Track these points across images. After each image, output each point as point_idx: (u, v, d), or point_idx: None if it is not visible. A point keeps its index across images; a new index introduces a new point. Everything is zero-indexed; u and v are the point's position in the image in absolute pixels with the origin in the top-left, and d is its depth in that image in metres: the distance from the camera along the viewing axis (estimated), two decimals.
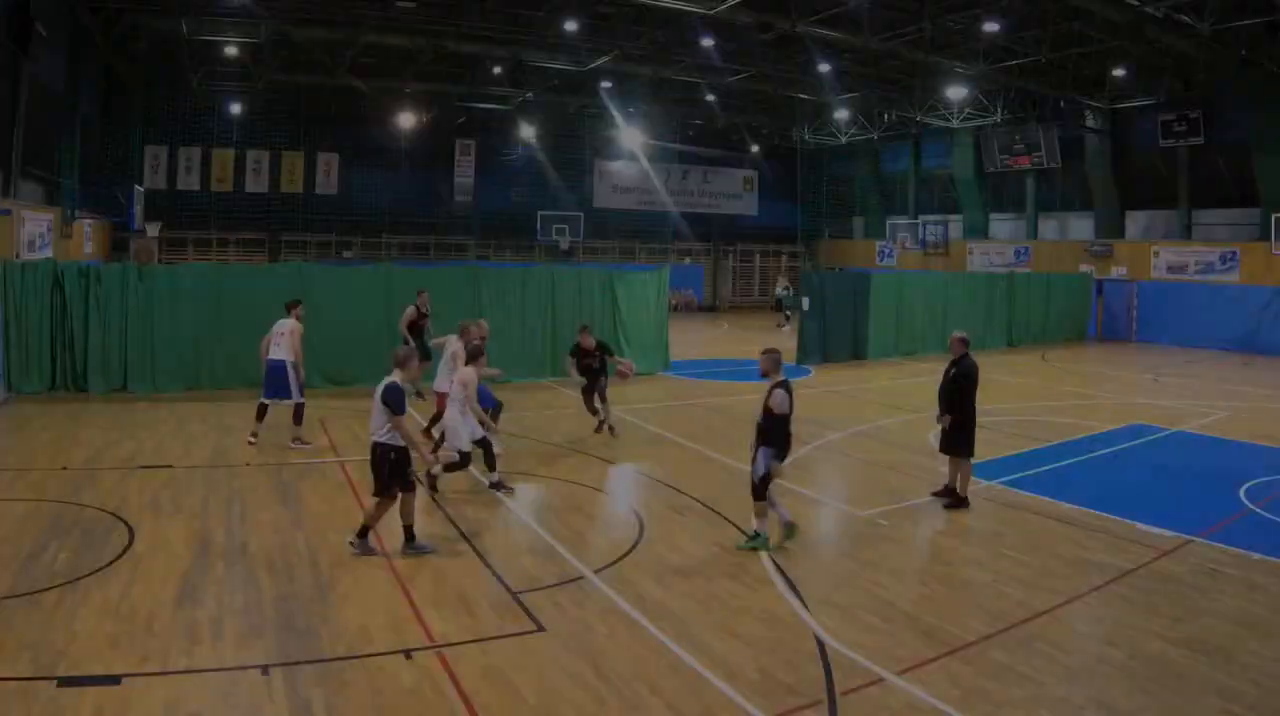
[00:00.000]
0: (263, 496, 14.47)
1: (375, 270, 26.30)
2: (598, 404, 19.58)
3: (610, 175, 59.48)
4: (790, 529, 12.52)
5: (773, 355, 12.68)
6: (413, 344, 19.70)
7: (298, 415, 17.81)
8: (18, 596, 10.18)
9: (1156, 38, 34.07)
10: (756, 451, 12.48)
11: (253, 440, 17.74)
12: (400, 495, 11.94)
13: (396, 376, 12.06)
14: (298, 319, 17.94)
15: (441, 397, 16.26)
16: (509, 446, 17.47)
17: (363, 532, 11.91)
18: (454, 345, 16.64)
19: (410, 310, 22.47)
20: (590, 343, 19.23)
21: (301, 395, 17.87)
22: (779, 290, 52.97)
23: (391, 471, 11.76)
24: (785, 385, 12.33)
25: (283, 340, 17.55)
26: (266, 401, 17.72)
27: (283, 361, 17.49)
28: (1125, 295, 44.84)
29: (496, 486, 14.96)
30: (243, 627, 9.61)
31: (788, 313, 48.77)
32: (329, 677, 8.60)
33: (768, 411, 12.28)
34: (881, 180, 61.89)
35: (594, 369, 19.12)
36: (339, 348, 24.18)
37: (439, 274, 26.45)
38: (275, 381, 17.59)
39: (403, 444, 11.78)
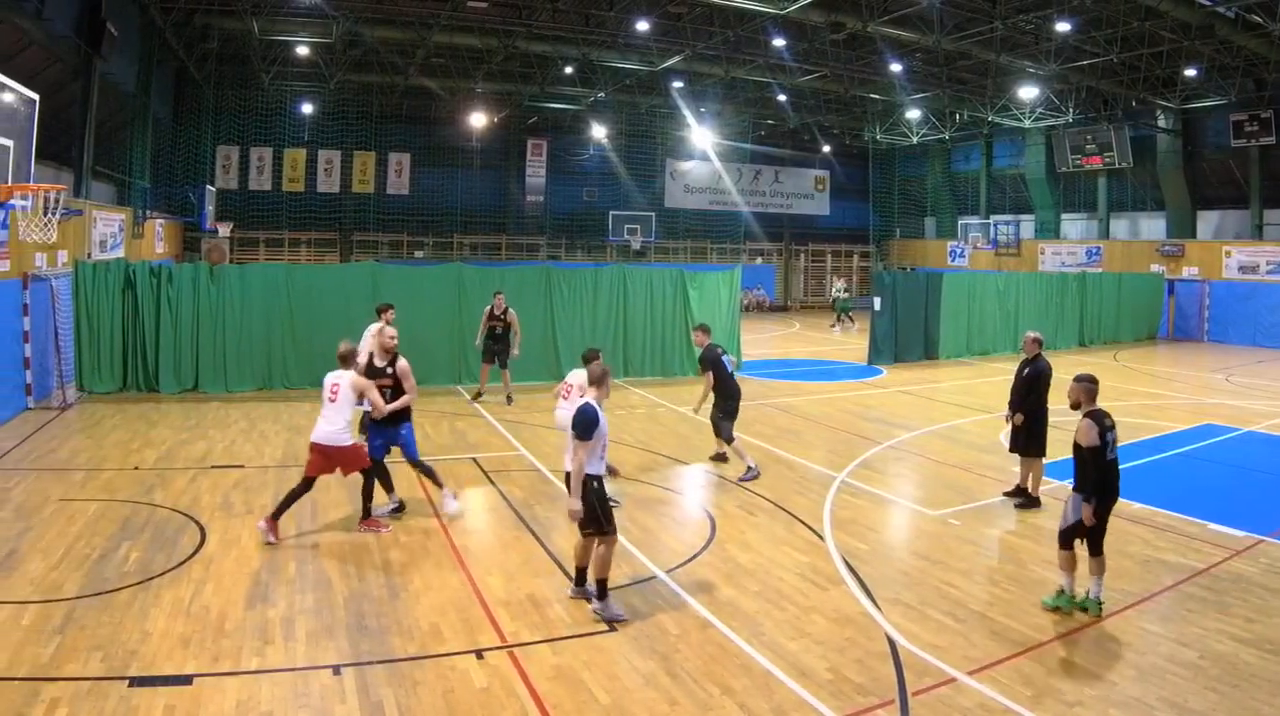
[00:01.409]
0: (334, 496, 14.49)
1: (447, 270, 26.20)
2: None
3: (682, 175, 59.39)
4: (1096, 605, 10.37)
5: (1086, 384, 10.99)
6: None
7: (363, 425, 16.95)
8: (90, 596, 10.25)
9: (1228, 37, 33.82)
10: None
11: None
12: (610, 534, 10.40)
13: (591, 395, 10.53)
14: (386, 322, 17.14)
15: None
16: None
17: (581, 579, 10.64)
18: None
19: (486, 310, 22.62)
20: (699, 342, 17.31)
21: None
22: (836, 291, 52.62)
23: (601, 503, 10.24)
24: (1096, 415, 10.65)
25: (363, 344, 16.70)
26: None
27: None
28: (1197, 295, 44.48)
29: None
30: (314, 627, 9.65)
31: (847, 314, 48.77)
32: (400, 677, 8.62)
33: (1075, 445, 10.73)
34: (953, 180, 61.62)
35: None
36: (410, 347, 23.53)
37: (511, 274, 26.44)
38: None
39: (598, 472, 10.29)
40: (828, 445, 19.28)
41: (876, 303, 32.59)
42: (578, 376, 14.01)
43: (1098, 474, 10.37)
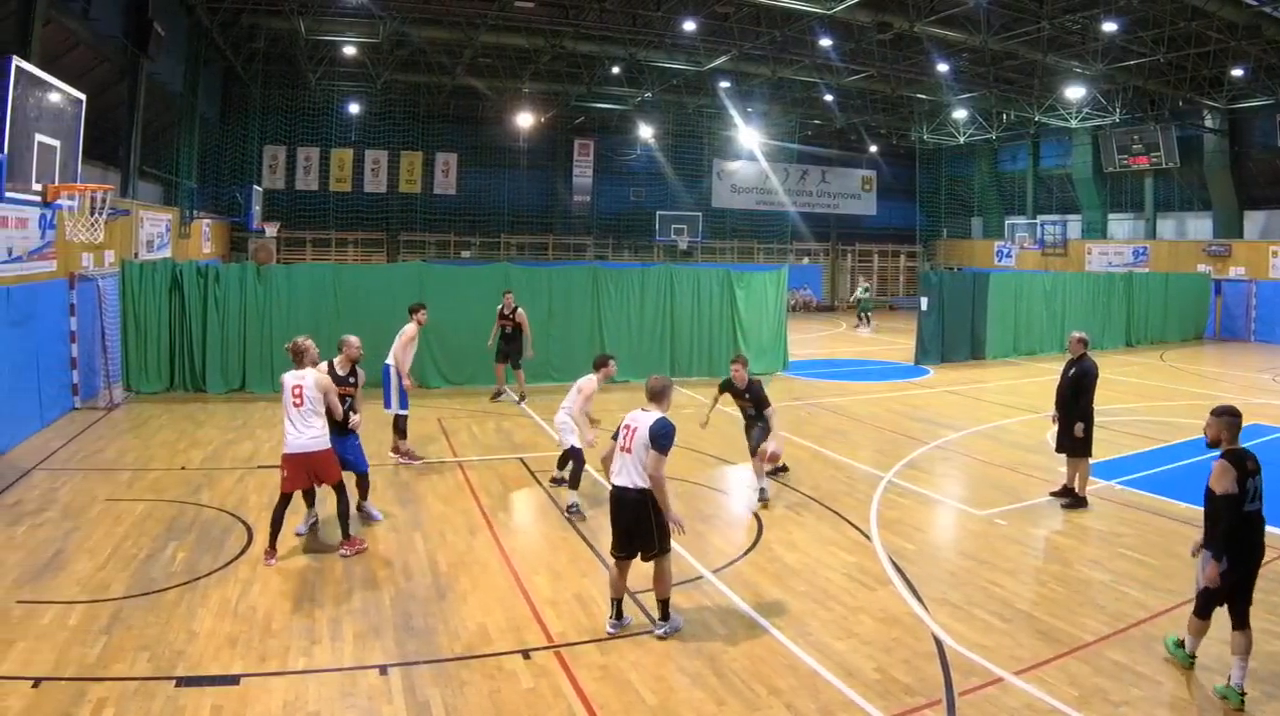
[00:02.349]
0: (381, 497, 14.51)
1: (494, 270, 26.20)
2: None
3: (729, 175, 59.28)
4: (1238, 696, 8.38)
5: (1228, 418, 8.86)
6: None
7: (396, 426, 16.93)
8: (137, 596, 10.30)
9: (1275, 37, 33.71)
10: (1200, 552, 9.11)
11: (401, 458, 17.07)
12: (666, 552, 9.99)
13: (657, 410, 9.95)
14: (417, 323, 17.17)
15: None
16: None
17: (665, 613, 9.84)
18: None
19: (498, 310, 22.54)
20: (742, 378, 15.28)
21: (403, 406, 16.76)
22: (859, 292, 52.04)
23: (662, 523, 9.70)
24: (1236, 456, 8.70)
25: (395, 344, 16.80)
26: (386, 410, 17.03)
27: (387, 366, 16.72)
28: (1243, 295, 44.32)
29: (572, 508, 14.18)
30: (361, 627, 9.69)
31: (866, 315, 48.27)
32: (447, 677, 8.64)
33: (1208, 492, 8.79)
34: (1000, 180, 61.39)
35: (749, 414, 15.43)
36: (457, 347, 24.21)
37: (559, 274, 26.43)
38: (384, 388, 16.77)
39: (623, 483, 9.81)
40: (874, 445, 19.24)
41: (923, 303, 32.53)
42: (588, 382, 14.07)
43: (1233, 527, 8.56)
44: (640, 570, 9.91)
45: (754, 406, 15.09)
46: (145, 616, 9.77)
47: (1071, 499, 14.74)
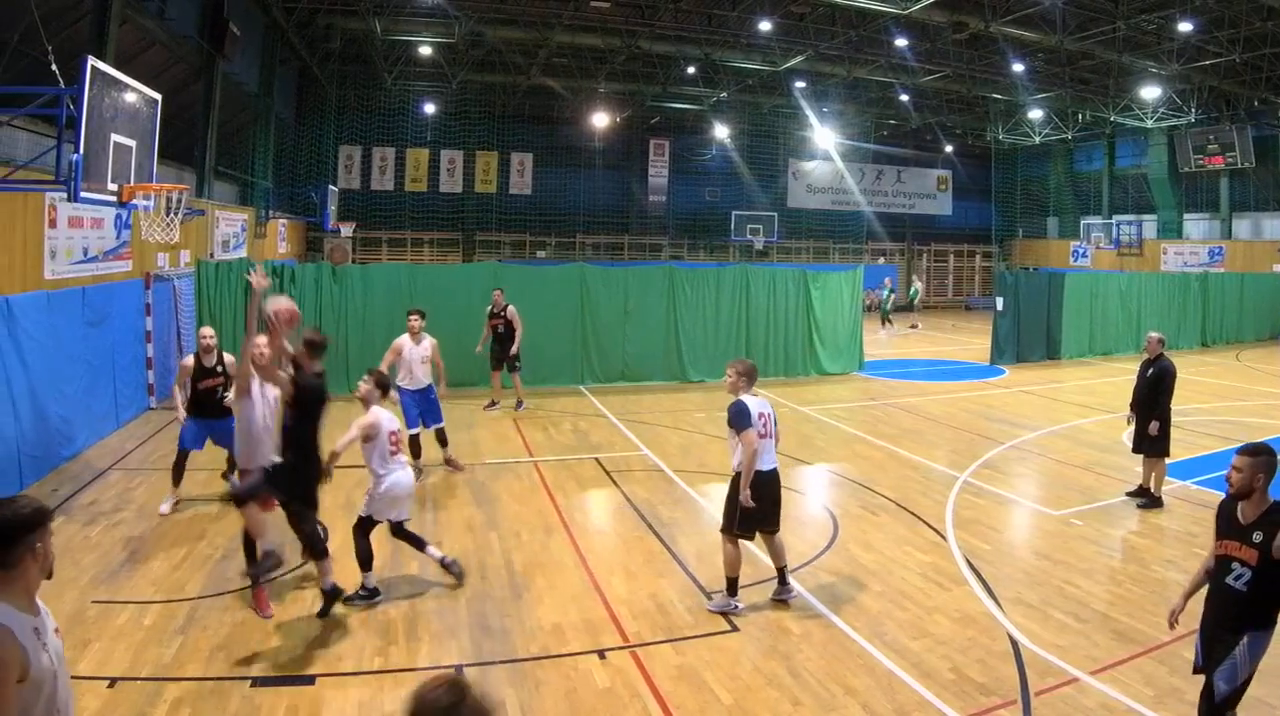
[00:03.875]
0: (457, 496, 14.65)
1: (569, 270, 26.13)
2: None
3: (804, 175, 59.03)
4: None
5: (1266, 458, 6.90)
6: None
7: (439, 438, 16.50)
8: (212, 596, 10.39)
9: None
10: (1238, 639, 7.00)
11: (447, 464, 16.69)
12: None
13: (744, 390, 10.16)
14: (412, 330, 16.35)
15: None
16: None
17: (784, 578, 10.49)
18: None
19: (486, 310, 21.69)
20: None
21: (413, 424, 15.81)
22: (910, 290, 51.64)
23: (738, 503, 9.95)
24: None
25: (399, 355, 16.17)
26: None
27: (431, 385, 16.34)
28: None
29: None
30: (437, 627, 9.73)
31: (889, 317, 47.12)
32: (523, 677, 8.67)
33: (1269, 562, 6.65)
34: (1075, 180, 61.00)
35: None
36: (530, 347, 23.66)
37: (634, 274, 26.42)
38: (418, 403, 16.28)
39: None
40: (950, 445, 19.19)
41: (999, 303, 32.42)
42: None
43: None
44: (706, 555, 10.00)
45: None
46: (221, 616, 9.85)
47: (1147, 499, 14.66)
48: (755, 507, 9.90)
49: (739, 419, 9.83)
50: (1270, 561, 6.56)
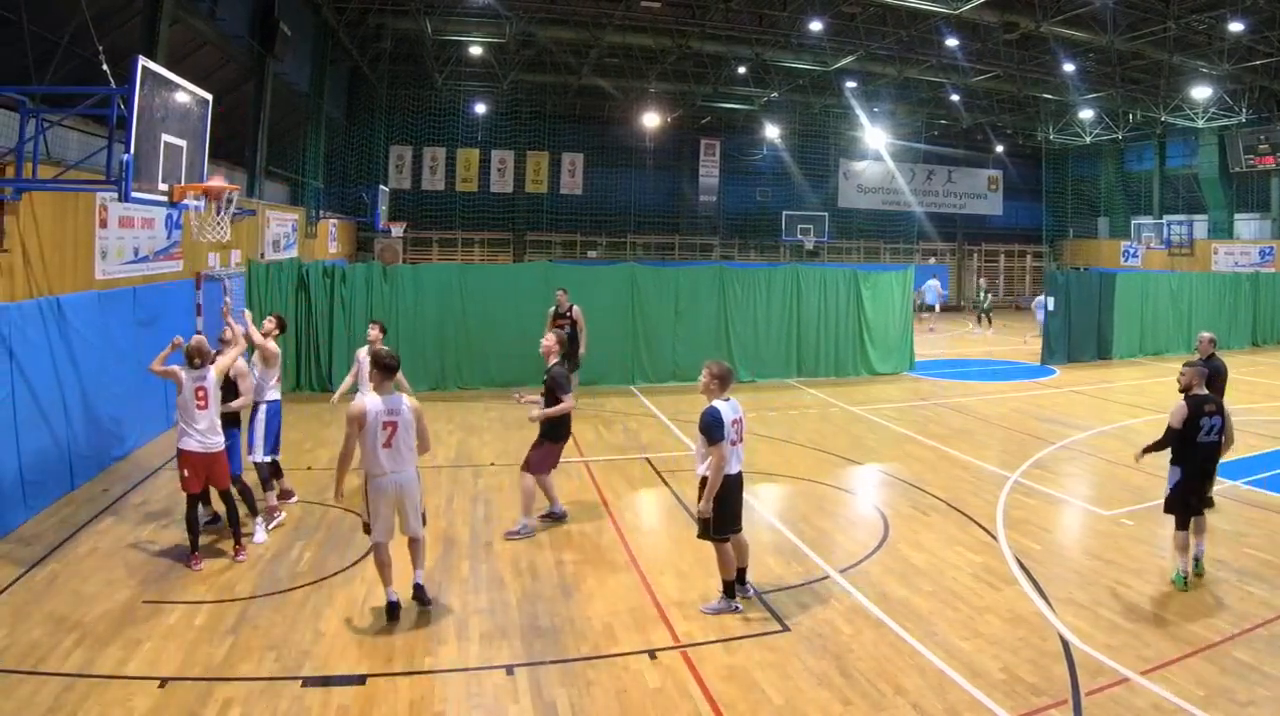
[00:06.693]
0: (507, 496, 14.60)
1: (620, 270, 26.17)
2: None
3: (855, 175, 58.86)
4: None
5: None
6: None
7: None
8: (263, 596, 10.45)
9: None
10: None
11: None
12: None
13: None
14: (372, 342, 15.88)
15: None
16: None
17: (743, 578, 10.62)
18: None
19: (550, 311, 21.51)
20: None
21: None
22: (984, 292, 50.42)
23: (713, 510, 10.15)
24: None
25: (357, 365, 15.85)
26: None
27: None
28: None
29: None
30: (488, 627, 9.75)
31: (988, 316, 47.08)
32: (573, 677, 8.68)
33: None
34: (1126, 180, 60.62)
35: None
36: (585, 346, 23.71)
37: (685, 274, 26.41)
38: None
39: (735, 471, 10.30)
40: (1001, 445, 19.16)
41: (1050, 303, 32.34)
42: None
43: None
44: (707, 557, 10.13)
45: None
46: (272, 616, 9.90)
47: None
48: (727, 509, 10.03)
49: (712, 431, 9.84)
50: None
